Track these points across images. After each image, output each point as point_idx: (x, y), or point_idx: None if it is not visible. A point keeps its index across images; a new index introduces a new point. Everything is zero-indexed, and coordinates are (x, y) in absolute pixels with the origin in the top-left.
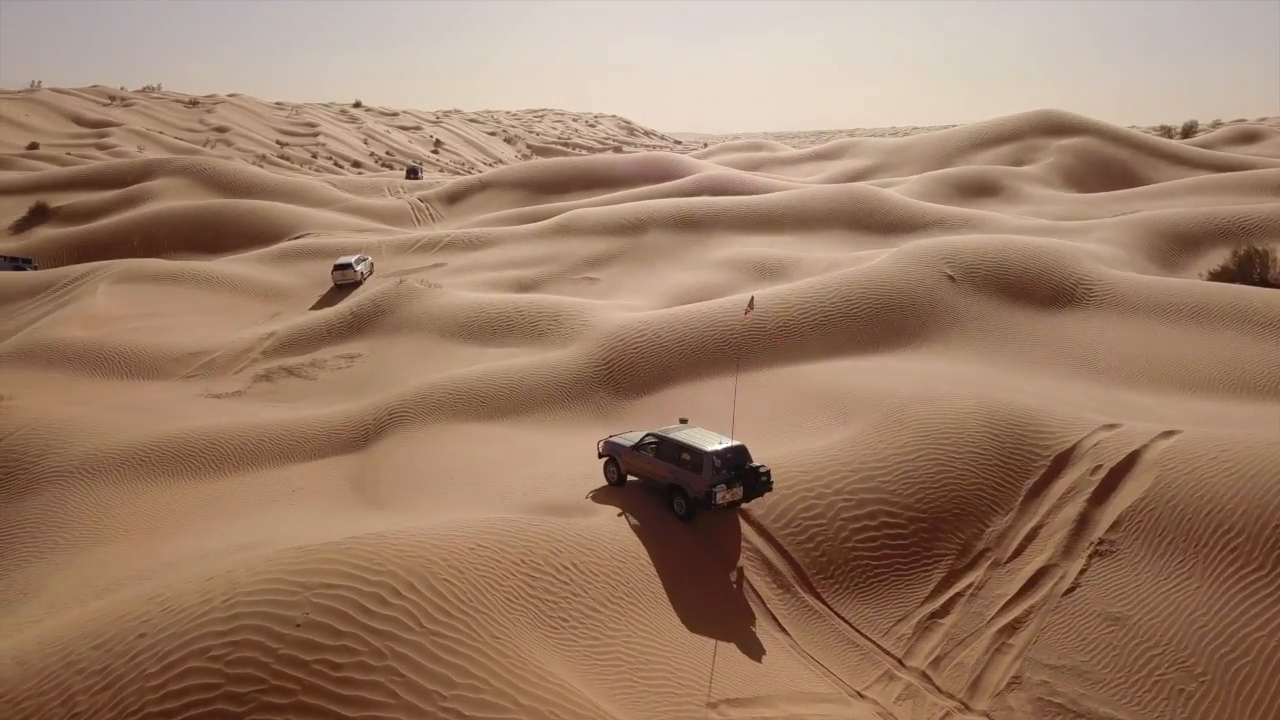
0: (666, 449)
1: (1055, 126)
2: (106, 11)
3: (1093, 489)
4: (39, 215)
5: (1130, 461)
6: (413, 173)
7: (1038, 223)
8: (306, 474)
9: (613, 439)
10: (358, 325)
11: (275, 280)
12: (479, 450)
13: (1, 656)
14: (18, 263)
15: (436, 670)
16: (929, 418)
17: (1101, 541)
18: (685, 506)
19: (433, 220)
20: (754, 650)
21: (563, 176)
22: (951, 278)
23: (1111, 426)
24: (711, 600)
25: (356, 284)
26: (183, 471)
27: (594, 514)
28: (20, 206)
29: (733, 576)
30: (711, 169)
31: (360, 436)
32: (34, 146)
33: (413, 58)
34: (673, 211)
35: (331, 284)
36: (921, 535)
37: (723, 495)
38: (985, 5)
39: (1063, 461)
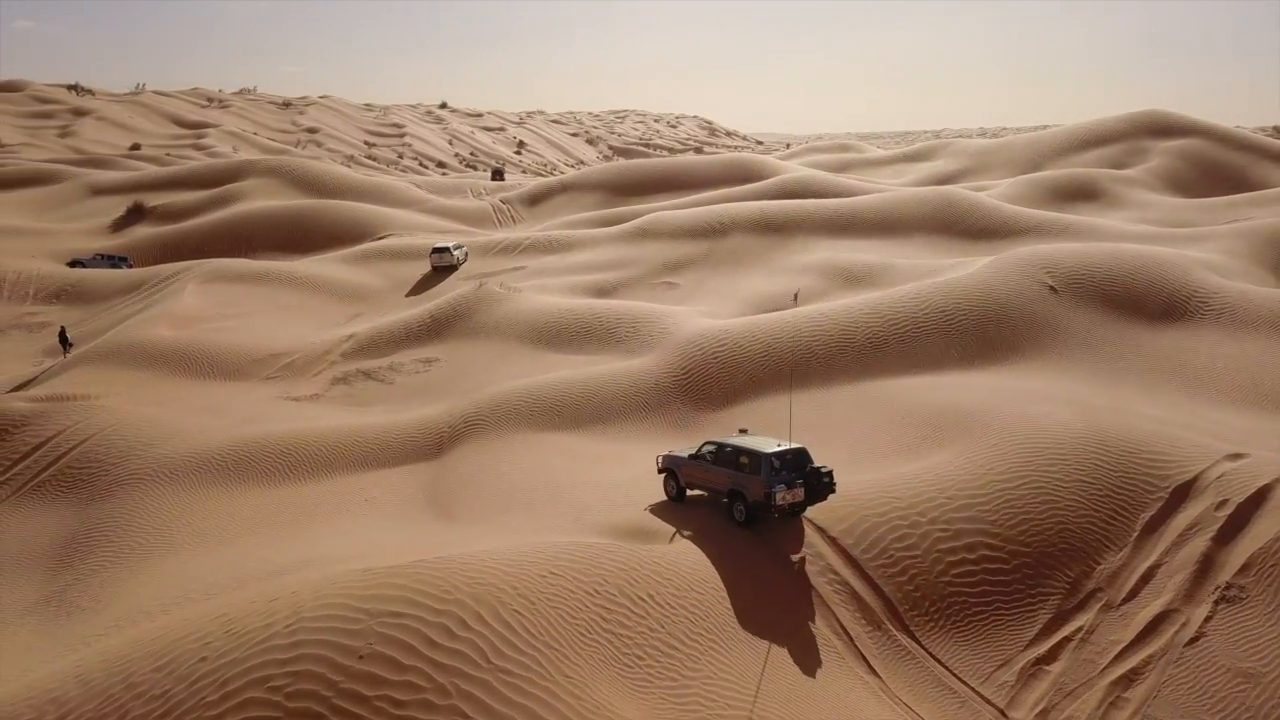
0: (724, 455)
1: (1160, 127)
2: (208, 14)
3: (1218, 526)
4: (136, 214)
5: (1261, 496)
6: (497, 174)
7: (1143, 229)
8: (381, 482)
9: (672, 453)
10: (436, 329)
11: (357, 281)
12: (554, 462)
13: (65, 675)
14: (114, 260)
15: (503, 712)
16: (1032, 442)
17: (1229, 586)
18: (745, 512)
19: (514, 222)
20: (841, 694)
21: (644, 178)
22: (1053, 289)
23: (1237, 456)
24: (796, 636)
25: (452, 268)
26: (258, 477)
27: (671, 538)
28: (120, 206)
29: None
30: (795, 170)
31: (435, 444)
32: (136, 147)
33: (498, 59)
34: (755, 215)
35: (428, 271)
36: (1025, 571)
37: (783, 496)
38: (1080, 4)
39: (1182, 494)
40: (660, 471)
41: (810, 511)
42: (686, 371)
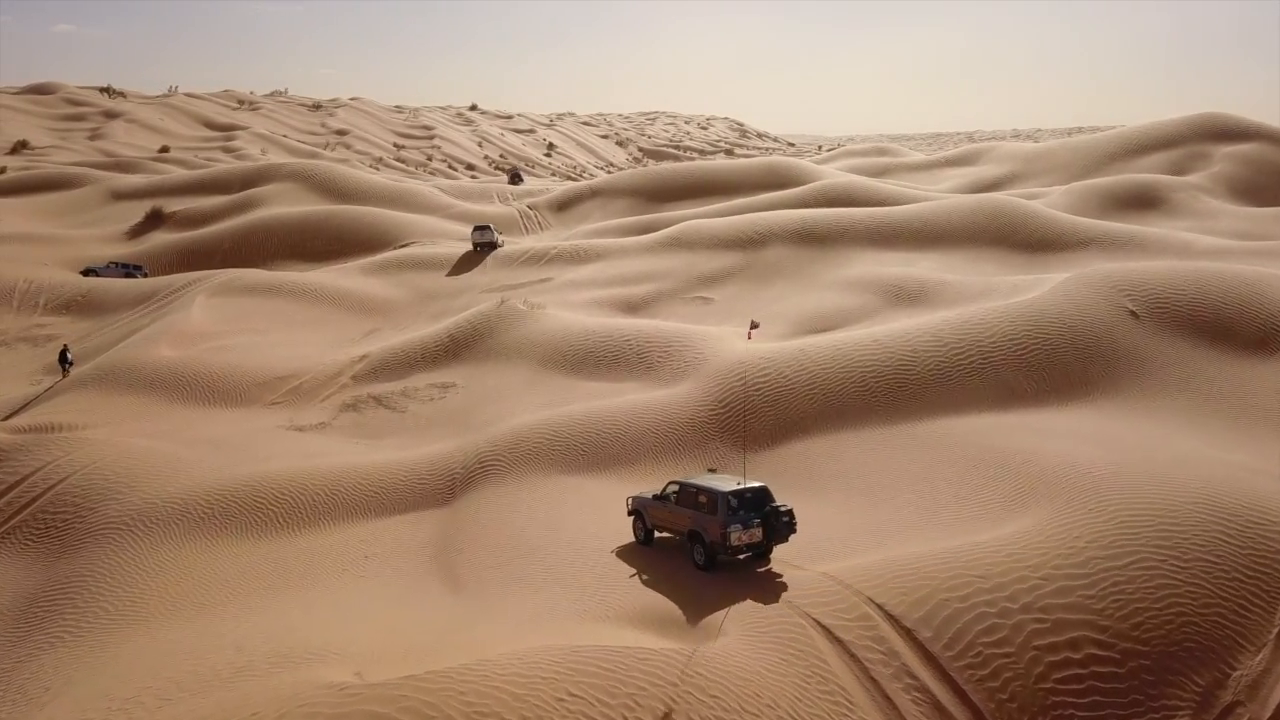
0: (686, 495)
1: (1221, 131)
2: (246, 17)
3: None
4: (154, 220)
5: None
6: (515, 178)
7: (1214, 241)
8: (384, 534)
9: (641, 494)
10: (454, 350)
11: (375, 293)
12: (576, 513)
13: None
14: (129, 269)
15: None
16: (1137, 505)
17: None
18: (704, 554)
19: (540, 229)
20: None
21: (676, 183)
22: (1134, 314)
23: None
24: None
25: (494, 246)
26: (247, 528)
27: (715, 629)
28: (141, 211)
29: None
30: (834, 175)
31: (446, 488)
32: (165, 150)
33: (529, 61)
34: (795, 224)
35: (468, 251)
36: (1144, 677)
37: (738, 537)
38: (1115, 4)
39: None
40: (630, 514)
41: (878, 593)
42: (725, 405)
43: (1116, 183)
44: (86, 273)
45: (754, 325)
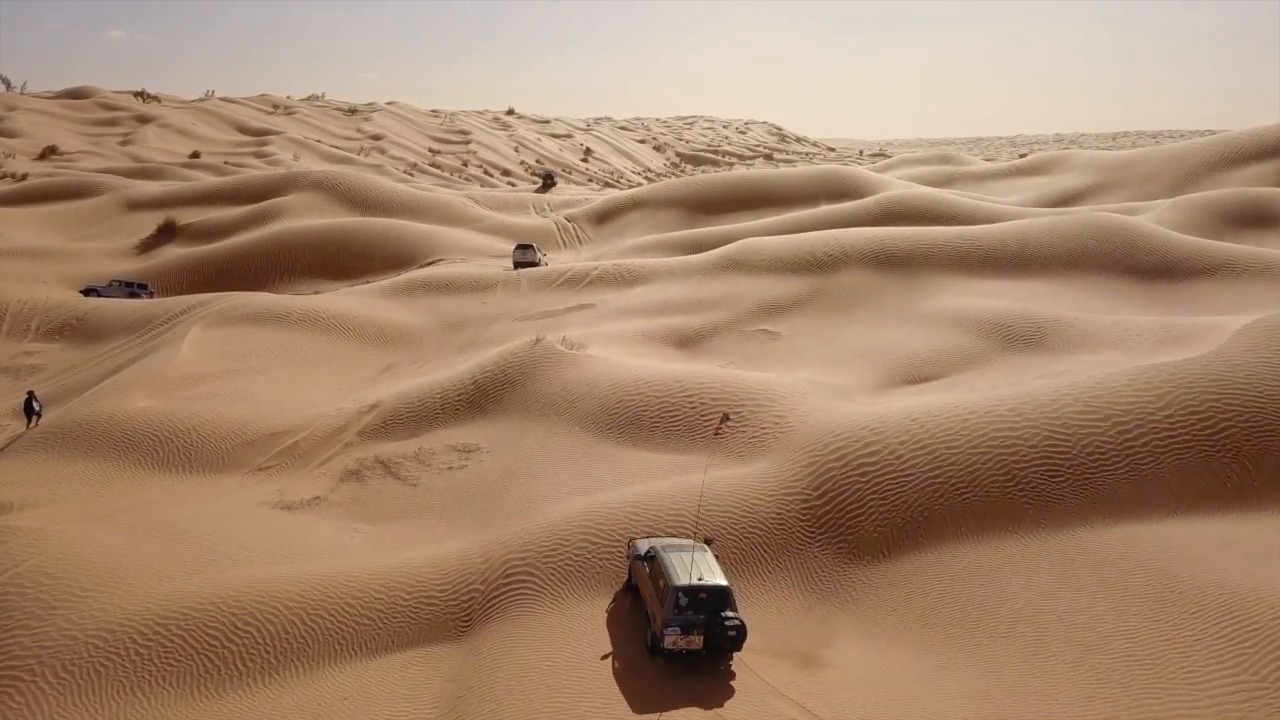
0: (654, 569)
1: None
2: (292, 22)
3: None
4: (167, 233)
5: None
6: (547, 180)
7: None
8: (375, 687)
9: (640, 542)
10: (479, 400)
11: (394, 320)
12: (639, 680)
13: None
14: (133, 288)
15: None
16: None
17: None
18: (650, 640)
19: (580, 242)
20: None
21: (724, 194)
22: None
23: None
24: None
25: (534, 265)
26: (193, 676)
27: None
28: (156, 222)
29: None
30: (898, 186)
31: (462, 611)
32: (195, 155)
33: (566, 64)
34: (872, 244)
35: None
36: None
37: (674, 640)
38: (1154, 5)
39: None
40: (628, 559)
41: None
42: (821, 493)
43: (1229, 196)
44: (88, 292)
45: (725, 419)
